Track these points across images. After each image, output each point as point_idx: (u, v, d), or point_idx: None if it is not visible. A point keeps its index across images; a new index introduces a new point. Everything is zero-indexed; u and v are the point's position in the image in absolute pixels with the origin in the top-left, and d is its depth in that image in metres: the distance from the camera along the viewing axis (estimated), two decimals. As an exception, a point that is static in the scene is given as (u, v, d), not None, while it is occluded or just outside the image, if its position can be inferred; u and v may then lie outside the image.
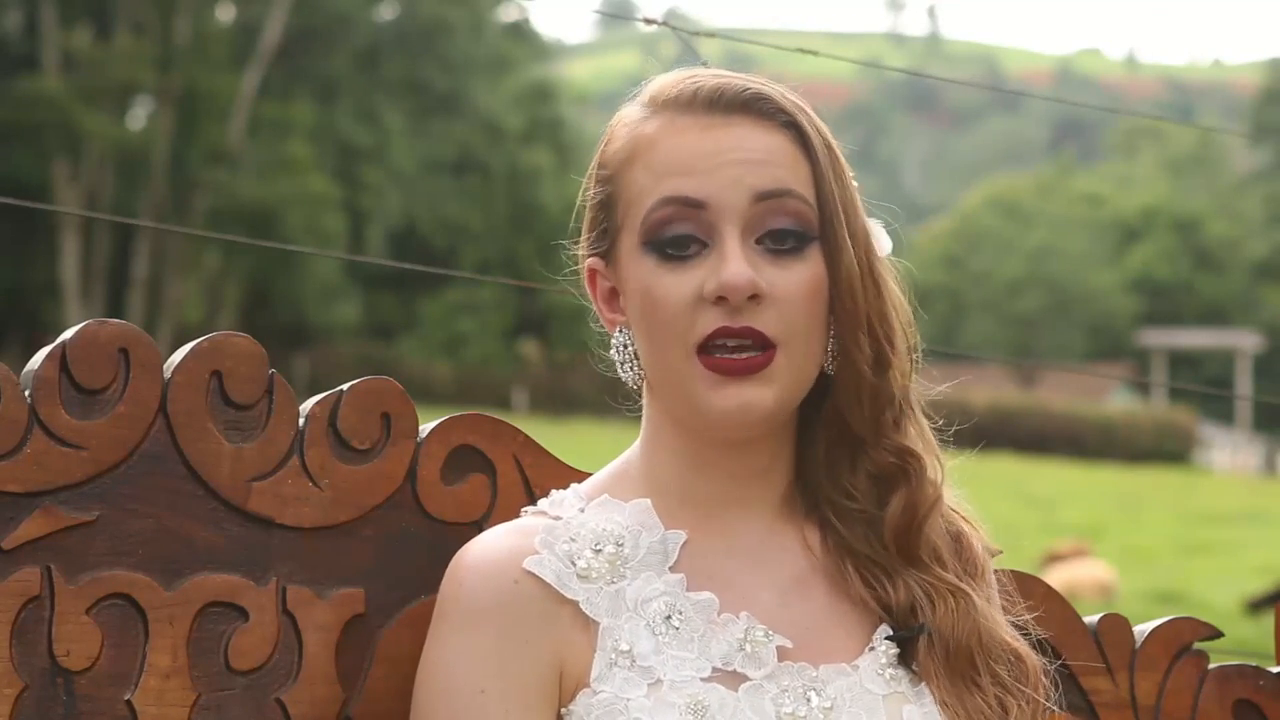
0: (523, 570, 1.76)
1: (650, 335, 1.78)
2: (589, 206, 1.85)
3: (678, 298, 1.75)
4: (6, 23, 40.93)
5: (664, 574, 1.79)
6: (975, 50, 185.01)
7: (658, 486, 1.83)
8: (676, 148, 1.78)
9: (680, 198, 1.76)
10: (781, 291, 1.75)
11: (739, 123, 1.78)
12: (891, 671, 1.79)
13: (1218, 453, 45.48)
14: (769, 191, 1.76)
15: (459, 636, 1.75)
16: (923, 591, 1.81)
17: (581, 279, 1.87)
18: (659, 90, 1.82)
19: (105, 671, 1.74)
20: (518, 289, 42.92)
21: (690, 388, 1.76)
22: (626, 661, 1.74)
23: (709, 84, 1.80)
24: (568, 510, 1.82)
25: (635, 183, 1.79)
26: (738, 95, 1.79)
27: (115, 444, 1.75)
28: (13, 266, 38.34)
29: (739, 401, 1.75)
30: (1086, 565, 17.42)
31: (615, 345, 1.83)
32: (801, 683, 1.76)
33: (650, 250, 1.77)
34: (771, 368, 1.75)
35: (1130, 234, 64.43)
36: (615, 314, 1.84)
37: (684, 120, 1.79)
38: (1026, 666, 1.83)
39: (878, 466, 1.83)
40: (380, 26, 46.49)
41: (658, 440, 1.84)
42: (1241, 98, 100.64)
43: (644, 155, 1.79)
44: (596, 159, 1.85)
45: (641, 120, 1.82)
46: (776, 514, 1.84)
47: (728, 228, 1.75)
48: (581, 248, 1.87)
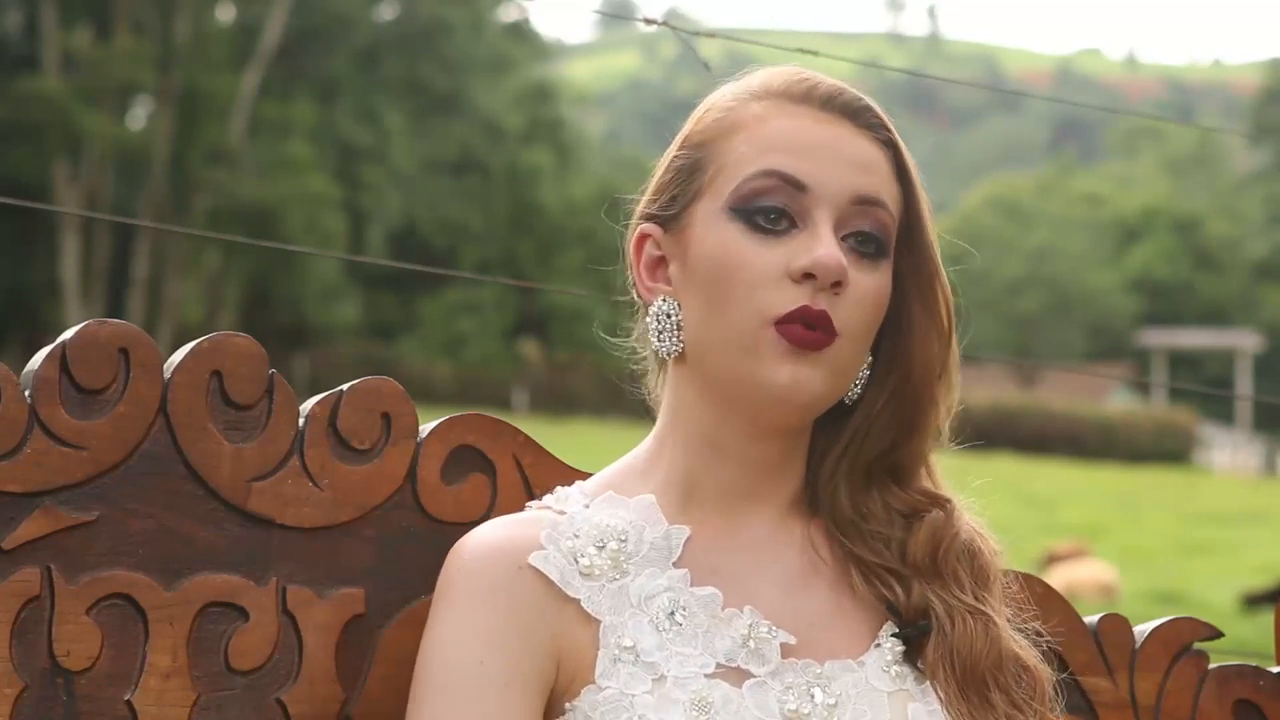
0: (525, 562, 1.76)
1: (721, 300, 1.76)
2: (666, 169, 1.84)
3: (762, 267, 1.75)
4: (6, 23, 40.92)
5: (667, 569, 1.79)
6: (975, 50, 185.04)
7: (664, 481, 1.83)
8: (788, 129, 1.79)
9: (784, 174, 1.76)
10: (857, 290, 1.76)
11: (849, 126, 1.80)
12: (897, 669, 1.79)
13: (1218, 453, 45.46)
14: (869, 197, 1.78)
15: (460, 613, 1.75)
16: (943, 609, 1.81)
17: (628, 240, 1.87)
18: (769, 80, 1.83)
19: (105, 671, 1.74)
20: (518, 289, 42.94)
21: (755, 355, 1.75)
22: (630, 658, 1.74)
23: (826, 85, 1.82)
24: (572, 506, 1.82)
25: (734, 150, 1.79)
26: (852, 101, 1.81)
27: (115, 444, 1.75)
28: (13, 266, 38.34)
29: (794, 377, 1.75)
30: (1088, 565, 17.42)
31: (654, 314, 1.82)
32: (806, 679, 1.76)
33: (738, 216, 1.77)
34: (830, 351, 1.76)
35: (1130, 234, 64.43)
36: (657, 283, 1.83)
37: (797, 109, 1.80)
38: (1036, 679, 1.83)
39: (903, 504, 1.84)
40: (380, 26, 46.49)
41: (675, 425, 1.83)
42: (1241, 98, 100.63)
43: (749, 129, 1.80)
44: (685, 131, 1.84)
45: (749, 100, 1.82)
46: (784, 512, 1.84)
47: (822, 215, 1.76)
48: (637, 214, 1.86)
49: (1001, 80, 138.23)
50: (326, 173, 40.93)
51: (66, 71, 38.38)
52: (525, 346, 46.26)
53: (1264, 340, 53.35)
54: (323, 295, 42.40)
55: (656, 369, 1.88)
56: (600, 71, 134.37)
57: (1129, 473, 36.82)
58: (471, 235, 45.79)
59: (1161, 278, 61.81)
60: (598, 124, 50.15)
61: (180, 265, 39.71)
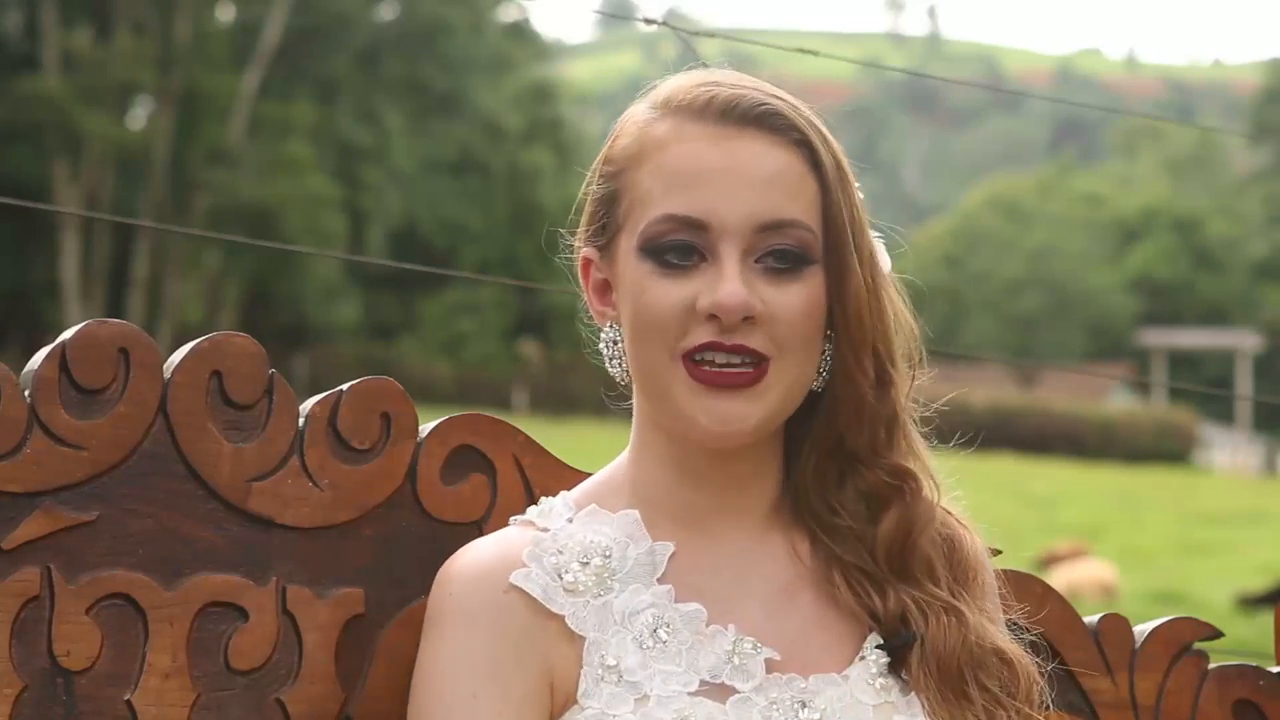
0: (510, 583, 1.76)
1: (638, 337, 1.77)
2: (591, 199, 1.84)
3: (670, 305, 1.75)
4: (6, 23, 40.92)
5: (651, 586, 1.78)
6: (975, 50, 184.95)
7: (645, 496, 1.82)
8: (685, 156, 1.77)
9: (682, 217, 1.75)
10: (776, 310, 1.75)
11: (750, 137, 1.77)
12: (882, 681, 1.78)
13: (1218, 453, 45.47)
14: (771, 222, 1.75)
15: (451, 641, 1.75)
16: (916, 607, 1.80)
17: (575, 268, 1.87)
18: (673, 93, 1.81)
19: (105, 671, 1.74)
20: (518, 289, 42.92)
21: (674, 393, 1.75)
22: (613, 677, 1.73)
23: (724, 94, 1.78)
24: (555, 521, 1.82)
25: (640, 184, 1.78)
26: (751, 109, 1.77)
27: (115, 444, 1.75)
28: (13, 266, 38.34)
29: (721, 415, 1.74)
30: (1088, 565, 17.44)
31: (604, 340, 1.84)
32: (791, 694, 1.75)
33: (648, 256, 1.76)
34: (764, 383, 1.75)
35: (1130, 234, 64.43)
36: (605, 307, 1.83)
37: (695, 128, 1.78)
38: (1019, 672, 1.82)
39: (870, 485, 1.82)
40: (380, 26, 46.48)
41: (644, 443, 1.83)
42: (1241, 98, 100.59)
43: (652, 157, 1.78)
44: (604, 153, 1.84)
45: (652, 121, 1.80)
46: (764, 523, 1.83)
47: (727, 248, 1.75)
48: (579, 238, 1.86)
49: (1001, 80, 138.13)
50: (326, 173, 40.93)
51: (66, 71, 38.38)
52: (525, 346, 46.26)
53: (1264, 340, 53.36)
54: (323, 295, 42.40)
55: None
56: (600, 71, 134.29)
57: (1129, 473, 36.83)
58: (471, 235, 45.78)
59: (1161, 278, 61.81)
60: (598, 124, 50.08)
61: (180, 265, 39.72)
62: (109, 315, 3.21)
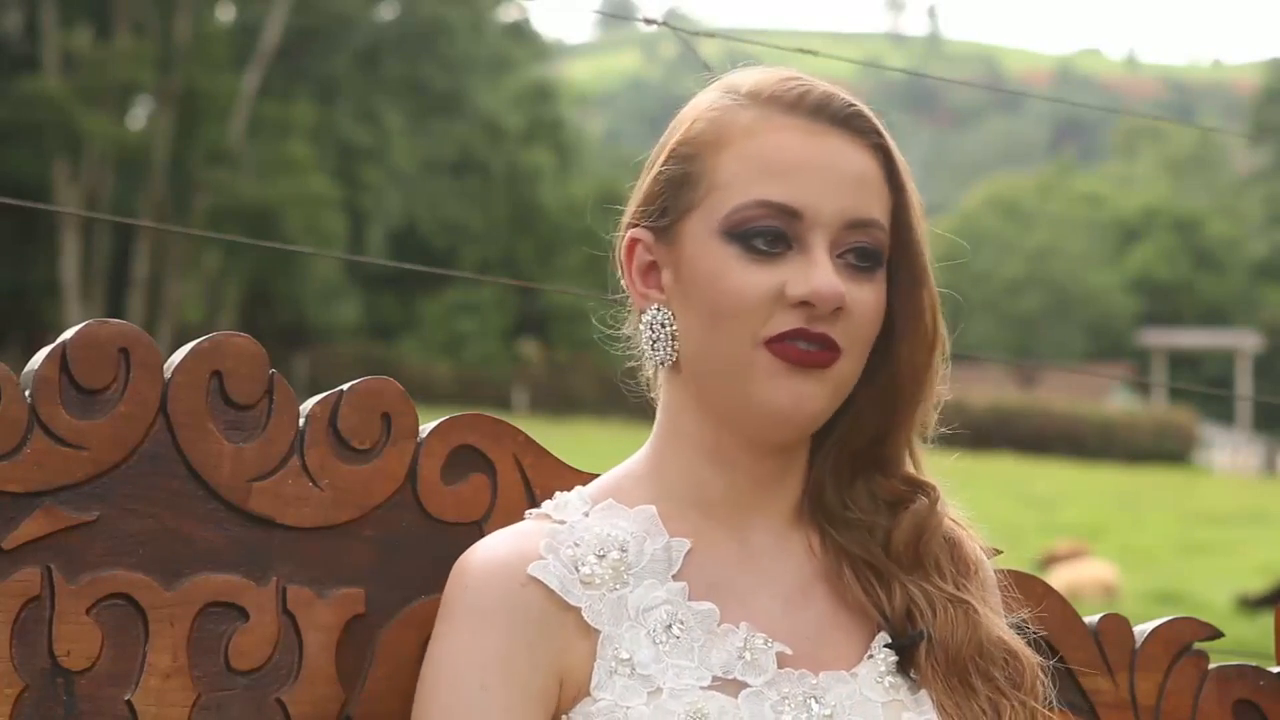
0: (528, 575, 1.76)
1: (716, 322, 1.76)
2: (656, 179, 1.82)
3: (757, 290, 1.75)
4: (6, 23, 40.91)
5: (666, 582, 1.78)
6: (975, 50, 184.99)
7: (665, 489, 1.82)
8: (777, 146, 1.77)
9: (778, 204, 1.75)
10: (857, 307, 1.77)
11: (840, 135, 1.78)
12: (891, 679, 1.79)
13: (1218, 453, 45.46)
14: (863, 220, 1.77)
15: (464, 634, 1.75)
16: (925, 601, 1.81)
17: (618, 246, 1.86)
18: (758, 85, 1.81)
19: (105, 671, 1.74)
20: (518, 289, 42.93)
21: (747, 376, 1.76)
22: (626, 670, 1.74)
23: (817, 90, 1.79)
24: (572, 514, 1.82)
25: (725, 168, 1.78)
26: (841, 109, 1.79)
27: (115, 444, 1.75)
28: (13, 266, 38.34)
29: (796, 393, 1.75)
30: (1089, 565, 17.44)
31: (647, 322, 1.82)
32: (801, 690, 1.76)
33: (733, 240, 1.76)
34: (834, 369, 1.76)
35: (1130, 234, 64.44)
36: (650, 289, 1.82)
37: (785, 120, 1.78)
38: (1023, 665, 1.83)
39: (888, 492, 1.84)
40: (380, 26, 46.49)
41: (674, 433, 1.83)
42: (1241, 98, 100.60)
43: (738, 143, 1.78)
44: (678, 136, 1.82)
45: (735, 108, 1.80)
46: (786, 521, 1.84)
47: (817, 238, 1.76)
48: (629, 216, 1.85)
49: (1001, 80, 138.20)
50: (326, 173, 40.93)
51: (66, 71, 38.38)
52: (525, 346, 46.27)
53: (1264, 340, 53.37)
54: (323, 295, 42.41)
55: (652, 366, 1.88)
56: (600, 71, 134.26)
57: (1129, 473, 36.84)
58: (471, 235, 45.79)
59: (1161, 278, 61.82)
60: (598, 124, 50.17)
61: (180, 265, 39.71)
62: (109, 315, 3.21)
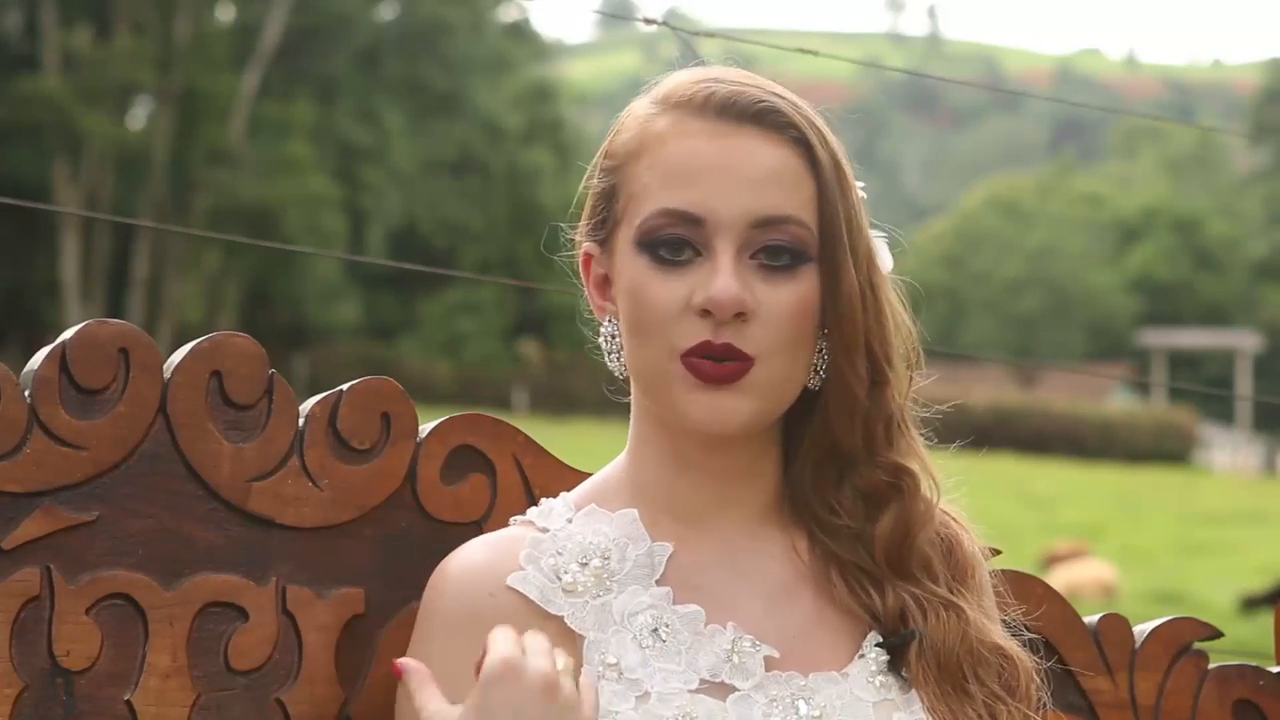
0: (502, 585, 1.76)
1: (636, 333, 1.78)
2: (591, 194, 1.85)
3: (666, 301, 1.76)
4: (6, 23, 40.92)
5: (650, 587, 1.78)
6: (975, 50, 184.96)
7: (644, 494, 1.83)
8: (682, 152, 1.77)
9: (679, 211, 1.76)
10: (769, 309, 1.75)
11: (748, 134, 1.77)
12: (882, 679, 1.79)
13: (1218, 453, 45.46)
14: (767, 218, 1.76)
15: (435, 646, 1.75)
16: (915, 604, 1.80)
17: (576, 262, 1.88)
18: (673, 89, 1.82)
19: (105, 671, 1.74)
20: (518, 289, 42.92)
21: (669, 388, 1.77)
22: (614, 674, 1.74)
23: (723, 91, 1.79)
24: (555, 521, 1.82)
25: (638, 179, 1.79)
26: (749, 106, 1.78)
27: (115, 444, 1.75)
28: (13, 266, 38.33)
29: (713, 408, 1.75)
30: (1089, 565, 17.44)
31: (604, 335, 1.85)
32: (790, 692, 1.75)
33: (644, 250, 1.77)
34: (748, 379, 1.75)
35: (1130, 234, 64.44)
36: (605, 301, 1.84)
37: (694, 124, 1.78)
38: (1018, 669, 1.82)
39: (868, 484, 1.82)
40: (380, 26, 46.48)
41: (642, 438, 1.84)
42: (1241, 98, 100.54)
43: (650, 152, 1.79)
44: (604, 147, 1.85)
45: (652, 116, 1.81)
46: (762, 518, 1.84)
47: (722, 243, 1.75)
48: (579, 232, 1.87)
49: (1001, 80, 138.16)
50: (326, 173, 40.92)
51: (66, 71, 38.37)
52: (525, 346, 46.26)
53: (1264, 340, 53.37)
54: (323, 295, 42.39)
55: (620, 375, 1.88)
56: (600, 71, 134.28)
57: (1129, 473, 36.85)
58: (471, 235, 45.77)
59: (1161, 278, 61.82)
60: (598, 124, 50.10)
61: (180, 265, 39.72)
62: (109, 315, 3.21)
